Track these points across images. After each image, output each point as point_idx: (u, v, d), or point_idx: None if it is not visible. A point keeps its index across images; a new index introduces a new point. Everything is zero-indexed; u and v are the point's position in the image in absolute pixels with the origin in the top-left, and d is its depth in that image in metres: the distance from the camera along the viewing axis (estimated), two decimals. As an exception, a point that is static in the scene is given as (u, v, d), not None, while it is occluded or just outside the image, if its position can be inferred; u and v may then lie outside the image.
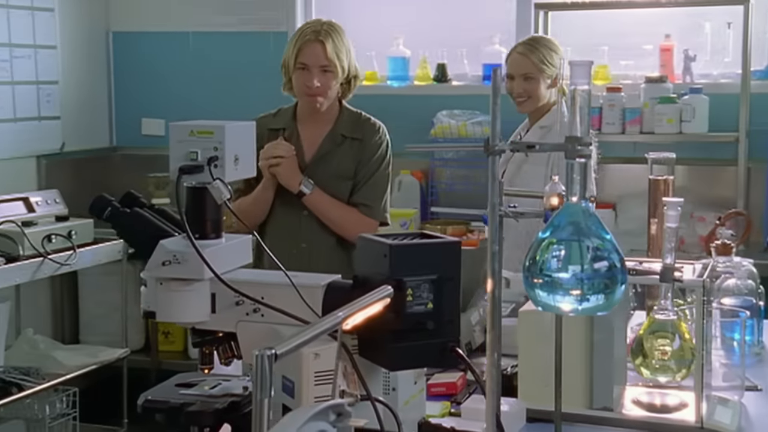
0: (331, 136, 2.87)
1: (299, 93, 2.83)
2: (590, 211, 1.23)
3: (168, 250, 1.56)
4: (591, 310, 1.19)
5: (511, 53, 3.37)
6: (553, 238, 1.20)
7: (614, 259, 1.19)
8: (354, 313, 1.22)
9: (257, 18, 4.83)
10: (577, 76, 1.24)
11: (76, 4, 4.79)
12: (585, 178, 1.23)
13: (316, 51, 2.75)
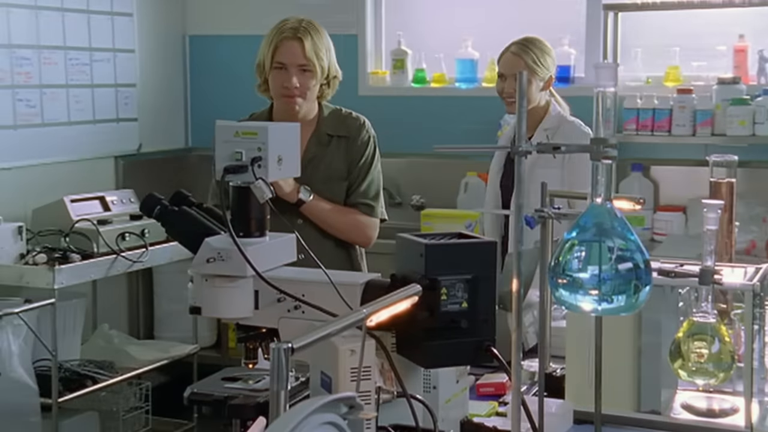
0: (317, 138, 2.74)
1: (276, 94, 2.69)
2: (615, 212, 1.24)
3: (212, 248, 1.62)
4: (613, 311, 1.20)
5: (504, 53, 3.39)
6: (576, 239, 1.21)
7: (638, 259, 1.20)
8: (378, 310, 1.25)
9: (329, 21, 4.86)
10: (603, 79, 1.25)
11: (154, 9, 4.94)
12: (609, 179, 1.23)
13: (294, 49, 2.62)
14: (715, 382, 1.58)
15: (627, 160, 4.33)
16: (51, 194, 4.00)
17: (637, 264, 1.20)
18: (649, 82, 4.33)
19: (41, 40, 4.25)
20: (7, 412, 3.44)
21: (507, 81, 3.32)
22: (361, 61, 4.86)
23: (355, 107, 4.53)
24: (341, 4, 4.88)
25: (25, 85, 4.17)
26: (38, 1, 4.23)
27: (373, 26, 4.87)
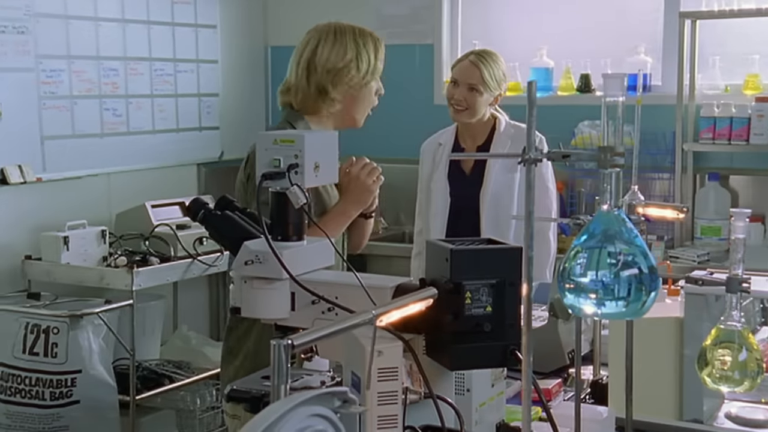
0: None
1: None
2: (622, 218, 1.26)
3: (251, 251, 1.69)
4: (615, 315, 1.22)
5: (462, 59, 3.41)
6: (581, 245, 1.24)
7: (642, 265, 1.22)
8: (388, 311, 1.30)
9: (406, 31, 4.97)
10: (611, 89, 1.27)
11: (237, 21, 5.09)
12: (618, 186, 1.26)
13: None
14: (741, 390, 1.57)
15: (703, 170, 4.27)
16: (135, 200, 4.17)
17: (640, 269, 1.21)
18: (728, 90, 4.26)
19: (128, 52, 4.43)
20: (88, 407, 3.60)
21: (459, 88, 3.33)
22: (437, 71, 4.91)
23: (432, 116, 4.62)
24: (418, 14, 4.95)
25: (111, 95, 4.37)
26: (126, 15, 4.42)
27: (449, 36, 4.92)
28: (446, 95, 3.42)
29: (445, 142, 3.47)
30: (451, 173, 3.43)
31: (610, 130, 1.27)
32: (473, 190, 3.36)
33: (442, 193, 3.42)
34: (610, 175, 1.26)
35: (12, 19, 3.92)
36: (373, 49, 2.58)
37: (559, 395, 2.30)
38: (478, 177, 3.38)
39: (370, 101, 2.63)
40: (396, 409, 1.55)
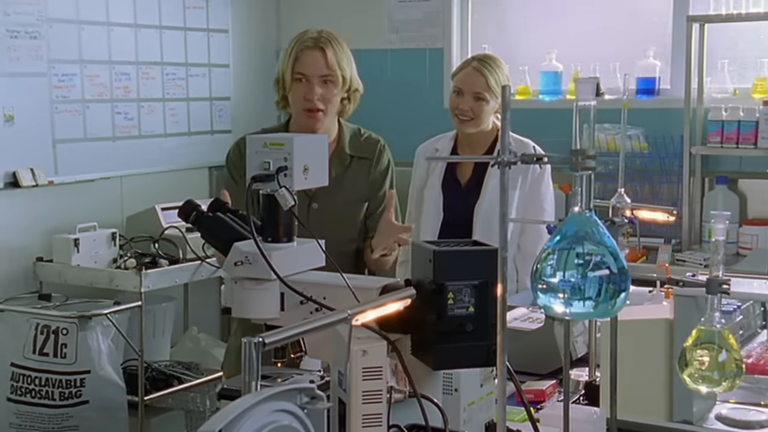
0: (338, 157, 2.62)
1: (297, 108, 2.56)
2: (595, 220, 1.28)
3: (241, 252, 1.72)
4: (584, 315, 1.24)
5: (464, 67, 3.23)
6: (552, 246, 1.26)
7: (611, 266, 1.24)
8: (364, 311, 1.32)
9: (417, 35, 5.00)
10: (583, 92, 1.29)
11: (249, 25, 5.14)
12: (589, 189, 1.28)
13: (316, 59, 2.52)
14: (720, 390, 1.58)
15: (712, 173, 4.26)
16: (147, 203, 4.22)
17: (610, 270, 1.23)
18: (737, 93, 4.25)
19: (140, 57, 4.49)
20: (97, 407, 3.65)
21: (464, 97, 3.16)
22: (447, 74, 4.93)
23: (441, 120, 4.64)
24: (429, 19, 4.98)
25: (123, 99, 4.42)
26: (138, 20, 4.48)
27: (459, 40, 4.94)
28: (450, 106, 3.25)
29: (442, 149, 3.31)
30: (446, 182, 3.27)
31: (583, 134, 1.28)
32: (468, 201, 3.20)
33: (435, 203, 3.26)
34: (581, 178, 1.28)
35: (25, 24, 3.99)
36: (285, 54, 2.62)
37: (553, 396, 2.31)
38: (474, 189, 3.22)
39: (295, 103, 2.58)
40: (380, 408, 1.58)
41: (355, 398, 1.57)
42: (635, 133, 4.36)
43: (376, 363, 1.59)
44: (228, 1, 5.00)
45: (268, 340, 1.15)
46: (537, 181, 3.21)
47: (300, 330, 1.26)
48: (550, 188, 3.28)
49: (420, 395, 1.61)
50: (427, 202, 3.27)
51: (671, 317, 2.01)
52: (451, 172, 3.27)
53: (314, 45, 2.53)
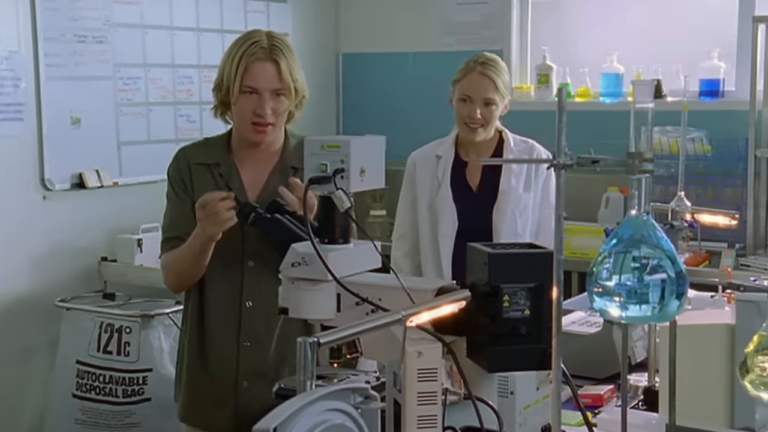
0: (280, 170, 2.38)
1: (243, 121, 2.32)
2: (652, 224, 1.27)
3: (298, 253, 1.74)
4: (639, 319, 1.23)
5: (467, 72, 3.06)
6: (609, 250, 1.26)
7: (668, 269, 1.22)
8: (418, 312, 1.33)
9: (475, 38, 4.99)
10: (641, 95, 1.28)
11: (309, 29, 5.18)
12: (646, 192, 1.27)
13: (268, 72, 2.27)
14: (783, 399, 1.55)
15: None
16: (207, 204, 4.27)
17: (666, 274, 1.22)
18: (803, 95, 4.16)
19: (202, 60, 4.56)
20: (159, 405, 3.71)
21: (473, 104, 3.02)
22: (506, 77, 4.92)
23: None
24: (488, 20, 4.96)
25: (186, 102, 4.49)
26: (200, 24, 4.55)
27: (519, 42, 4.92)
28: (458, 114, 3.08)
29: (444, 155, 3.15)
30: (456, 190, 3.11)
31: (641, 136, 1.28)
32: (483, 208, 3.07)
33: (450, 213, 3.10)
34: (639, 181, 1.27)
35: (91, 29, 4.08)
36: (231, 60, 2.33)
37: (611, 401, 2.29)
38: (488, 195, 3.09)
39: (242, 116, 2.34)
40: (435, 410, 1.58)
41: (410, 399, 1.58)
42: (698, 135, 4.30)
43: (431, 364, 1.59)
44: (288, 5, 5.05)
45: (323, 340, 1.16)
46: (548, 182, 3.13)
47: (354, 330, 1.27)
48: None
49: (475, 397, 1.61)
50: (441, 213, 3.11)
51: (732, 322, 1.97)
52: (460, 179, 3.14)
53: (266, 57, 2.27)
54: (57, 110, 3.96)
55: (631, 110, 4.88)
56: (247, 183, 2.38)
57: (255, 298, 2.35)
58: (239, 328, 2.38)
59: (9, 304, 3.86)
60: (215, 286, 2.37)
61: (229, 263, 2.33)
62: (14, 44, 3.82)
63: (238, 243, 2.29)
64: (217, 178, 2.38)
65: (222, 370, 2.42)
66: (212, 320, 2.41)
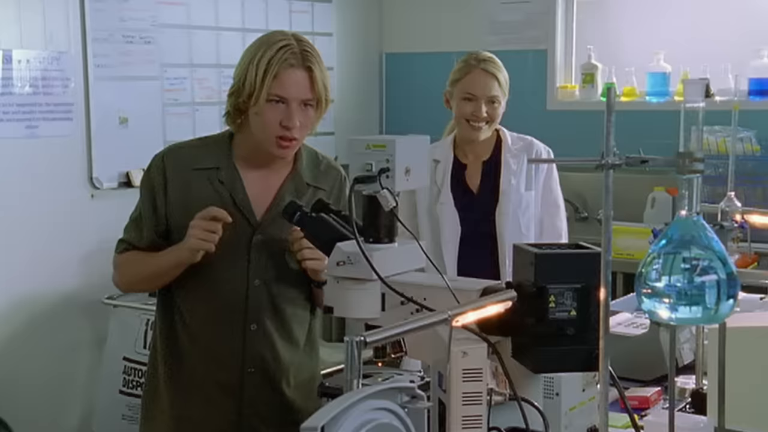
0: (294, 184, 2.18)
1: (267, 133, 2.08)
2: (701, 224, 1.26)
3: (343, 252, 1.74)
4: (689, 320, 1.22)
5: (468, 71, 3.01)
6: (658, 250, 1.24)
7: (719, 271, 1.21)
8: (464, 312, 1.33)
9: (520, 37, 4.97)
10: (692, 94, 1.27)
11: (353, 29, 5.19)
12: (696, 192, 1.25)
13: (301, 80, 2.05)
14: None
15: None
16: (252, 203, 4.30)
17: (717, 275, 1.21)
18: None
19: (247, 60, 4.58)
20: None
21: (477, 103, 2.95)
22: (550, 76, 4.89)
23: (543, 122, 4.61)
24: (533, 20, 4.94)
25: (231, 102, 4.52)
26: (245, 24, 4.58)
27: (563, 41, 4.89)
28: (459, 113, 3.00)
29: (442, 158, 3.07)
30: (456, 193, 3.04)
31: (691, 136, 1.26)
32: (484, 210, 3.00)
33: (452, 218, 3.02)
34: (689, 181, 1.26)
35: (139, 30, 4.12)
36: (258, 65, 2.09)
37: (658, 404, 2.27)
38: (488, 196, 3.02)
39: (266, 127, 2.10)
40: (480, 410, 1.58)
41: (455, 399, 1.58)
42: (747, 135, 4.24)
43: (476, 365, 1.59)
44: (332, 5, 5.06)
45: (370, 339, 1.16)
46: (548, 180, 3.08)
47: (400, 330, 1.27)
48: (558, 186, 3.13)
49: (520, 398, 1.61)
50: (443, 218, 3.03)
51: (786, 325, 1.94)
52: (459, 181, 3.07)
53: (298, 63, 2.04)
54: (105, 110, 4.01)
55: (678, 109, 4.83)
56: (252, 193, 2.14)
57: (259, 320, 2.13)
58: (243, 354, 2.15)
59: (57, 301, 3.92)
60: (213, 307, 2.13)
61: (234, 279, 2.12)
62: (64, 45, 3.87)
63: (244, 261, 2.12)
64: (217, 185, 2.13)
65: (221, 404, 2.16)
66: (207, 343, 2.16)
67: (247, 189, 2.14)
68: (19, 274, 3.81)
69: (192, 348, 2.15)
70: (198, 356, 2.15)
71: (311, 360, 2.28)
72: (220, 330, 2.13)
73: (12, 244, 3.77)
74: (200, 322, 2.14)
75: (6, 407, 3.42)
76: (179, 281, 2.13)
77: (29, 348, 3.85)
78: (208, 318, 2.14)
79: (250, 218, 2.12)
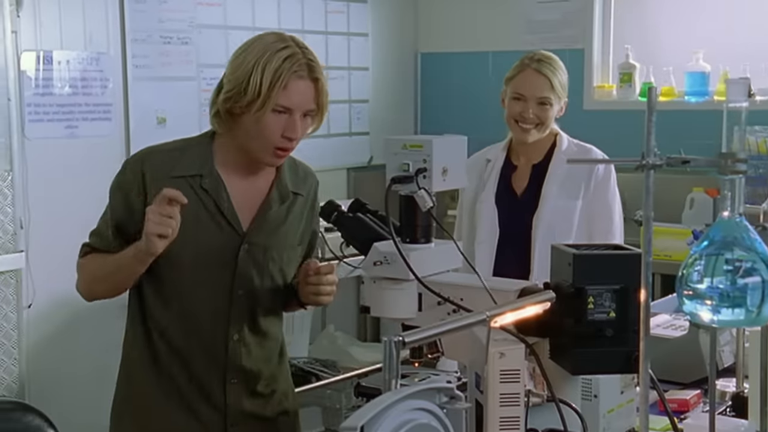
0: (279, 191, 2.11)
1: (266, 142, 1.99)
2: (744, 225, 1.24)
3: (380, 252, 1.75)
4: (731, 323, 1.20)
5: (521, 69, 2.93)
6: (699, 252, 1.23)
7: (762, 273, 1.19)
8: (502, 313, 1.32)
9: (556, 36, 4.94)
10: (734, 94, 1.26)
11: (389, 29, 5.20)
12: (738, 193, 1.24)
13: (307, 91, 1.98)
14: None
15: None
16: (287, 203, 4.32)
17: (761, 277, 1.19)
18: None
19: (283, 61, 4.60)
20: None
21: (527, 103, 2.88)
22: (587, 76, 4.86)
23: (580, 122, 4.56)
24: (569, 19, 4.91)
25: (267, 102, 4.54)
26: (282, 25, 4.59)
27: (601, 40, 4.85)
28: (509, 113, 2.95)
29: (494, 159, 3.02)
30: (500, 194, 2.97)
31: (733, 136, 1.25)
32: (524, 214, 2.92)
33: (490, 218, 2.96)
34: (731, 182, 1.24)
35: (177, 31, 4.16)
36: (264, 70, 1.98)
37: (697, 407, 2.24)
38: (531, 200, 2.94)
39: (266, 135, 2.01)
40: (518, 411, 1.58)
41: (492, 401, 1.57)
42: (788, 135, 4.18)
43: (513, 366, 1.58)
44: (368, 6, 5.07)
45: (408, 339, 1.16)
46: (602, 188, 2.95)
47: (439, 330, 1.27)
48: (617, 197, 2.98)
49: (558, 400, 1.60)
50: (481, 216, 2.97)
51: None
52: (506, 183, 3.00)
53: (306, 74, 1.98)
54: (143, 110, 4.05)
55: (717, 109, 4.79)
56: (238, 201, 2.05)
57: (240, 329, 2.06)
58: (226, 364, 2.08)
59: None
60: (195, 315, 2.04)
61: (215, 290, 2.04)
62: (103, 46, 3.92)
63: (229, 271, 2.04)
64: (200, 193, 2.02)
65: (204, 414, 2.08)
66: (187, 353, 2.07)
67: (231, 197, 2.04)
68: (60, 273, 3.85)
69: (172, 358, 2.06)
70: (178, 366, 2.06)
71: (284, 374, 2.22)
72: (202, 340, 2.05)
73: (53, 243, 3.82)
74: (179, 334, 2.05)
75: (48, 404, 3.46)
76: (157, 289, 2.05)
77: (70, 346, 3.90)
78: (188, 330, 2.04)
79: (237, 227, 2.03)
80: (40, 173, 3.73)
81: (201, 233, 2.01)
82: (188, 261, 2.00)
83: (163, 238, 1.86)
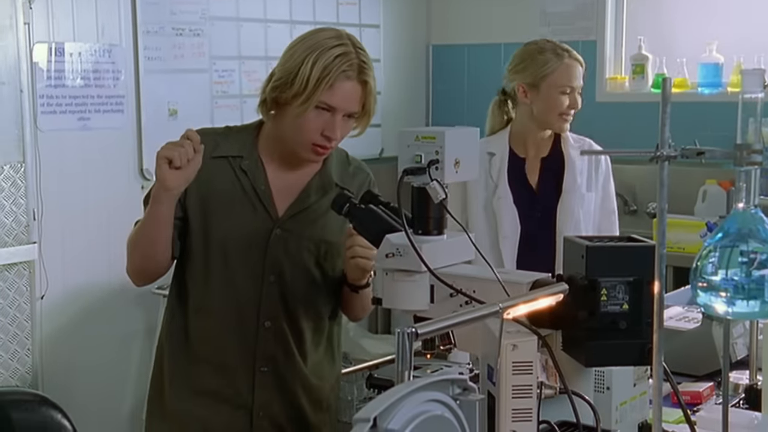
0: (321, 182, 2.10)
1: (305, 138, 1.99)
2: (760, 217, 1.23)
3: (392, 244, 1.74)
4: (746, 315, 1.20)
5: (561, 61, 2.86)
6: (714, 244, 1.22)
7: (777, 265, 1.19)
8: (515, 304, 1.32)
9: (570, 28, 4.93)
10: (750, 85, 1.25)
11: (400, 21, 5.19)
12: (754, 185, 1.23)
13: (354, 93, 1.97)
14: None
15: None
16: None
17: (777, 270, 1.19)
18: None
19: (294, 53, 4.60)
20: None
21: (573, 95, 2.87)
22: (600, 67, 4.84)
23: (593, 113, 4.55)
24: (582, 11, 4.89)
25: (279, 94, 4.54)
26: (293, 17, 4.60)
27: (614, 31, 4.84)
28: (558, 109, 2.86)
29: (498, 152, 2.91)
30: (517, 189, 2.90)
31: (748, 128, 1.24)
32: (545, 209, 2.88)
33: (511, 213, 2.88)
34: (747, 173, 1.24)
35: (189, 23, 4.16)
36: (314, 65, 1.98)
37: (710, 399, 2.24)
38: (550, 193, 2.89)
39: (305, 131, 2.01)
40: (531, 403, 1.57)
41: (504, 392, 1.57)
42: (804, 127, 4.15)
43: (526, 358, 1.58)
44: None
45: (421, 331, 1.16)
46: (606, 181, 2.98)
47: (452, 322, 1.27)
48: (614, 193, 3.03)
49: (571, 392, 1.59)
50: (502, 214, 2.89)
51: (841, 320, 1.91)
52: (520, 177, 2.93)
53: (355, 76, 1.97)
54: (155, 102, 4.05)
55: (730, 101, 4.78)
56: (276, 187, 2.06)
57: (274, 317, 2.05)
58: (255, 351, 2.06)
59: (108, 291, 3.98)
60: (224, 302, 2.04)
61: (247, 275, 2.04)
62: (116, 38, 3.92)
63: (261, 255, 2.03)
64: (238, 173, 2.04)
65: (235, 404, 2.08)
66: (216, 340, 2.07)
67: (270, 182, 2.05)
68: (72, 264, 3.88)
69: (202, 345, 2.06)
70: (208, 353, 2.06)
71: (329, 369, 2.18)
72: (233, 325, 2.04)
73: (66, 235, 3.84)
74: (212, 317, 2.05)
75: (61, 394, 3.48)
76: (192, 274, 2.05)
77: (84, 337, 3.92)
78: (220, 313, 2.04)
79: (271, 211, 2.04)
80: (52, 165, 3.75)
81: (235, 214, 2.02)
82: (221, 239, 2.01)
83: (173, 166, 1.85)
